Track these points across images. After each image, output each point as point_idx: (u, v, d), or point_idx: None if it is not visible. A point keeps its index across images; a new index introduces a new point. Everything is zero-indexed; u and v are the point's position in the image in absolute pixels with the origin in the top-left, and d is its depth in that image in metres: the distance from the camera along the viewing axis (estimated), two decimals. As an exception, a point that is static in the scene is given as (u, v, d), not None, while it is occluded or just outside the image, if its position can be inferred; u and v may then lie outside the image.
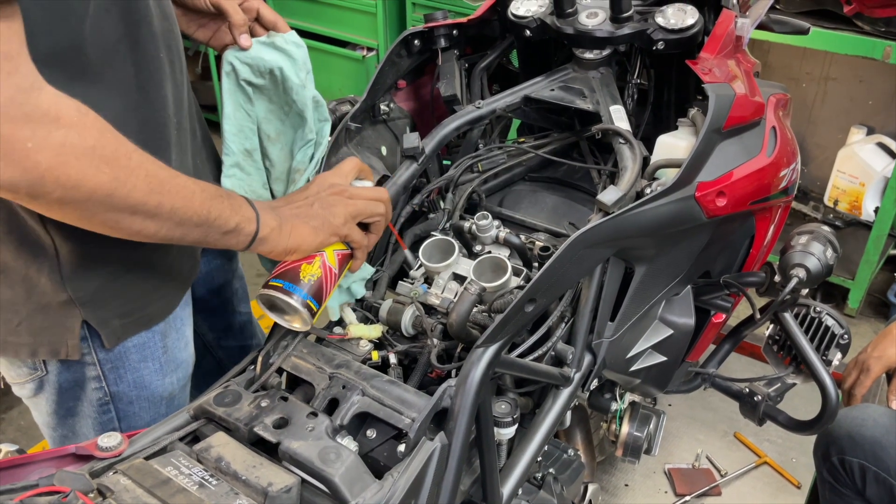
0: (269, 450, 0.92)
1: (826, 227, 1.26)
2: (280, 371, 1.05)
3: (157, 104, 1.00)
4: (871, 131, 2.95)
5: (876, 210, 2.73)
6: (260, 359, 1.06)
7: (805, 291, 1.30)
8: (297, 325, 1.04)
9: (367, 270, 1.17)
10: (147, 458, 0.88)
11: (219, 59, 1.21)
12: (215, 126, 1.24)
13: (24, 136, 0.73)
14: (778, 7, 2.55)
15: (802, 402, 2.04)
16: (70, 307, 1.01)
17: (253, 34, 1.16)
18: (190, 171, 1.07)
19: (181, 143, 1.08)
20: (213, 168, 1.25)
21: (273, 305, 1.03)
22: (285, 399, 0.97)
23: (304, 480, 0.88)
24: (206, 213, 0.91)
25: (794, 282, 1.22)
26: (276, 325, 1.11)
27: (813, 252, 1.21)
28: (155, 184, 0.85)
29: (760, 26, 1.46)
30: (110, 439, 0.89)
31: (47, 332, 1.02)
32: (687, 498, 2.11)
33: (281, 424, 0.93)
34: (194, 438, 0.96)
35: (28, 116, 0.73)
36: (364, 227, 1.10)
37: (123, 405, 1.14)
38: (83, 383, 1.10)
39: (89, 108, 0.80)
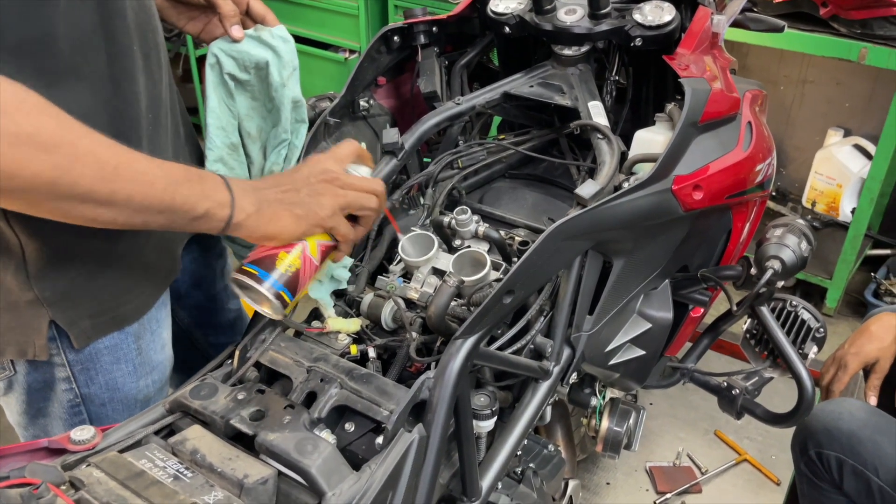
0: (246, 443, 0.91)
1: (801, 220, 1.28)
2: (258, 365, 1.04)
3: (129, 98, 0.98)
4: (847, 133, 2.99)
5: (853, 211, 2.76)
6: (237, 352, 1.05)
7: (781, 284, 1.32)
8: (267, 312, 1.00)
9: (347, 259, 1.16)
10: (121, 452, 0.87)
11: (200, 61, 1.20)
12: (198, 129, 1.22)
13: None
14: (755, 9, 2.57)
15: (781, 399, 2.06)
16: (37, 307, 0.98)
17: (242, 27, 1.14)
18: None
19: (157, 139, 1.06)
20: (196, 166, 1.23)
21: (246, 287, 1.00)
22: (262, 392, 0.96)
23: (280, 473, 0.87)
24: (171, 200, 0.86)
25: (769, 273, 1.23)
26: (253, 319, 1.10)
27: (788, 244, 1.22)
28: (107, 171, 0.80)
29: (736, 24, 1.48)
30: (83, 433, 0.88)
31: (14, 332, 0.99)
32: (668, 496, 2.12)
33: (258, 417, 0.92)
34: (170, 432, 0.95)
35: None
36: (353, 218, 1.05)
37: (95, 407, 1.11)
38: (53, 384, 1.07)
39: (41, 95, 0.77)
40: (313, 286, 1.10)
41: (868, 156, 2.83)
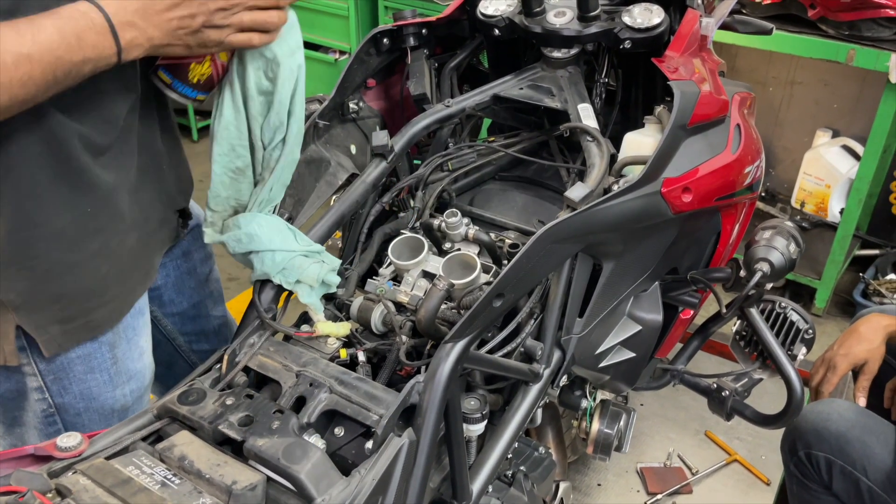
0: (235, 449, 0.90)
1: (789, 223, 1.28)
2: (246, 370, 1.04)
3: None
4: (836, 134, 3.01)
5: (841, 211, 2.78)
6: (226, 357, 1.04)
7: (770, 286, 1.32)
8: None
9: (336, 261, 1.15)
10: (108, 458, 0.86)
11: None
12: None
13: None
14: (744, 11, 2.59)
15: (770, 399, 2.07)
16: (2, 311, 0.97)
17: None
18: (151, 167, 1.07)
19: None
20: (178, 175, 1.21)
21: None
22: (251, 397, 0.96)
23: (269, 478, 0.86)
24: (44, 70, 0.82)
25: (758, 276, 1.23)
26: (241, 323, 1.10)
27: (776, 246, 1.23)
28: None
29: (725, 27, 1.49)
30: (70, 439, 0.87)
31: None
32: (659, 496, 2.12)
33: (246, 422, 0.92)
34: (157, 438, 0.94)
35: None
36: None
37: (70, 417, 1.10)
38: (25, 393, 1.06)
39: None
40: (304, 292, 1.09)
41: (856, 156, 2.85)
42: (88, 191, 1.00)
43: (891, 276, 2.83)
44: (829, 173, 2.89)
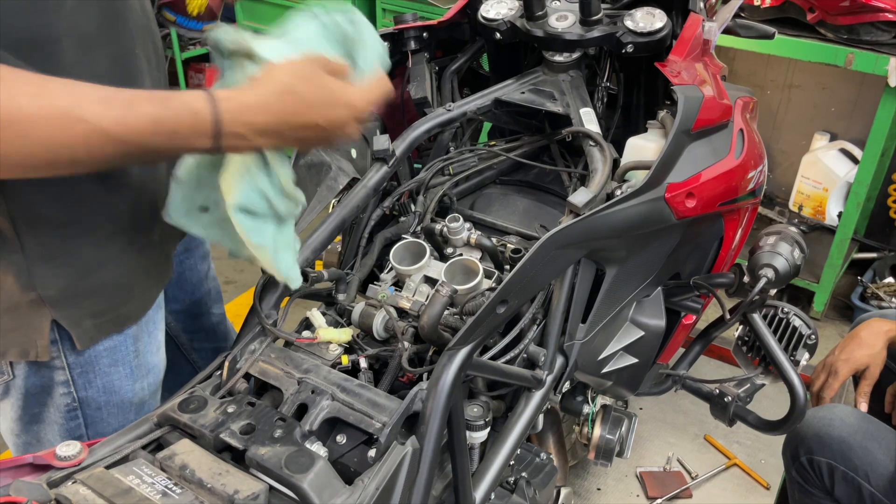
0: (236, 457, 0.89)
1: (793, 228, 1.28)
2: (247, 376, 1.02)
3: None
4: (834, 137, 3.01)
5: (839, 215, 2.78)
6: (226, 364, 1.03)
7: (773, 292, 1.32)
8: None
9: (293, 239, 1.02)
10: (108, 468, 0.85)
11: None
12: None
13: None
14: (743, 15, 2.60)
15: (771, 404, 2.07)
16: (39, 306, 0.98)
17: None
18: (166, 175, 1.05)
19: None
20: None
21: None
22: (252, 405, 0.95)
23: (272, 488, 0.85)
24: (140, 141, 0.77)
25: (762, 282, 1.23)
26: (242, 329, 1.08)
27: (781, 252, 1.23)
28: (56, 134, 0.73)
29: (727, 31, 1.49)
30: (69, 448, 0.86)
31: (16, 334, 0.99)
32: (658, 501, 2.11)
33: (248, 430, 0.90)
34: (158, 446, 0.93)
35: None
36: None
37: (91, 411, 1.11)
38: (51, 388, 1.07)
39: None
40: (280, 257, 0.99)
41: (854, 160, 2.85)
42: (121, 187, 1.02)
43: (889, 280, 2.83)
44: (827, 177, 2.89)
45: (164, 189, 1.07)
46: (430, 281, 1.20)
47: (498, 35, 1.43)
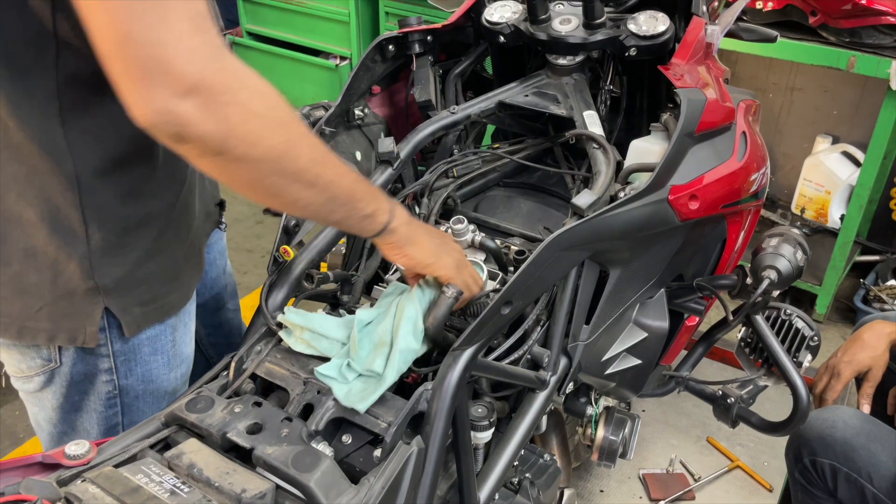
0: (243, 456, 0.90)
1: (796, 230, 1.28)
2: (254, 377, 1.03)
3: None
4: (836, 140, 3.01)
5: (842, 217, 2.78)
6: (233, 364, 1.04)
7: (776, 294, 1.32)
8: None
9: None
10: (117, 466, 0.86)
11: None
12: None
13: (220, 89, 0.73)
14: (745, 18, 2.60)
15: (774, 405, 2.07)
16: (94, 294, 1.02)
17: None
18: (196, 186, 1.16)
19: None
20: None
21: None
22: (259, 405, 0.95)
23: (278, 486, 0.86)
24: (352, 194, 0.91)
25: (765, 283, 1.23)
26: (248, 329, 1.09)
27: (783, 254, 1.23)
28: (317, 154, 0.85)
29: (730, 34, 1.49)
30: (78, 447, 0.87)
31: (68, 319, 1.03)
32: (661, 502, 2.11)
33: (255, 430, 0.91)
34: (166, 446, 0.94)
35: (223, 70, 0.73)
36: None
37: (129, 399, 1.14)
38: (94, 376, 1.10)
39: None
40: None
41: (856, 163, 2.85)
42: (171, 182, 1.09)
43: (891, 282, 2.83)
44: (829, 179, 2.90)
45: (200, 182, 1.20)
46: (435, 282, 1.20)
47: (502, 38, 1.44)
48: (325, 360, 1.05)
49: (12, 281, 1.00)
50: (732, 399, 1.42)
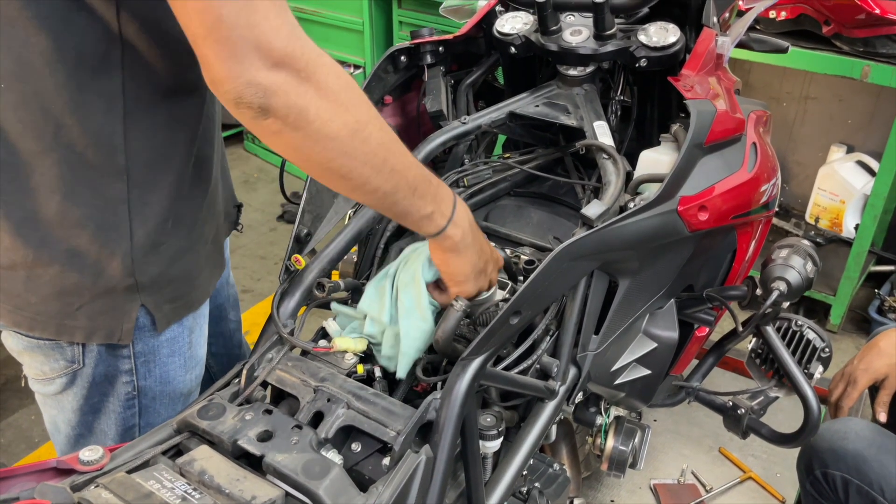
0: (254, 463, 0.91)
1: (806, 241, 1.28)
2: (265, 384, 1.04)
3: (211, 112, 1.12)
4: (850, 149, 3.00)
5: (856, 227, 2.77)
6: (244, 372, 1.05)
7: (786, 305, 1.32)
8: None
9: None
10: (129, 472, 0.87)
11: None
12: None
13: (302, 65, 0.78)
14: (758, 28, 2.60)
15: (786, 417, 2.06)
16: (133, 292, 1.05)
17: None
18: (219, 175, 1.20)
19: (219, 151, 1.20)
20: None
21: None
22: (269, 412, 0.97)
23: (288, 494, 0.87)
24: (415, 188, 0.93)
25: (775, 295, 1.23)
26: (260, 338, 1.11)
27: (793, 265, 1.23)
28: (386, 139, 0.88)
29: (740, 45, 1.49)
30: (92, 453, 0.88)
31: (106, 317, 1.05)
32: (672, 513, 2.11)
33: (265, 437, 0.92)
34: (177, 452, 0.95)
35: (304, 47, 0.79)
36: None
37: (147, 401, 1.16)
38: (115, 377, 1.12)
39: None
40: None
41: (871, 172, 2.84)
42: (205, 181, 1.13)
43: (906, 293, 2.81)
44: (843, 189, 2.88)
45: (223, 183, 1.25)
46: (445, 291, 1.21)
47: (513, 49, 1.45)
48: (335, 367, 1.06)
49: (53, 281, 1.02)
50: (743, 410, 1.42)
